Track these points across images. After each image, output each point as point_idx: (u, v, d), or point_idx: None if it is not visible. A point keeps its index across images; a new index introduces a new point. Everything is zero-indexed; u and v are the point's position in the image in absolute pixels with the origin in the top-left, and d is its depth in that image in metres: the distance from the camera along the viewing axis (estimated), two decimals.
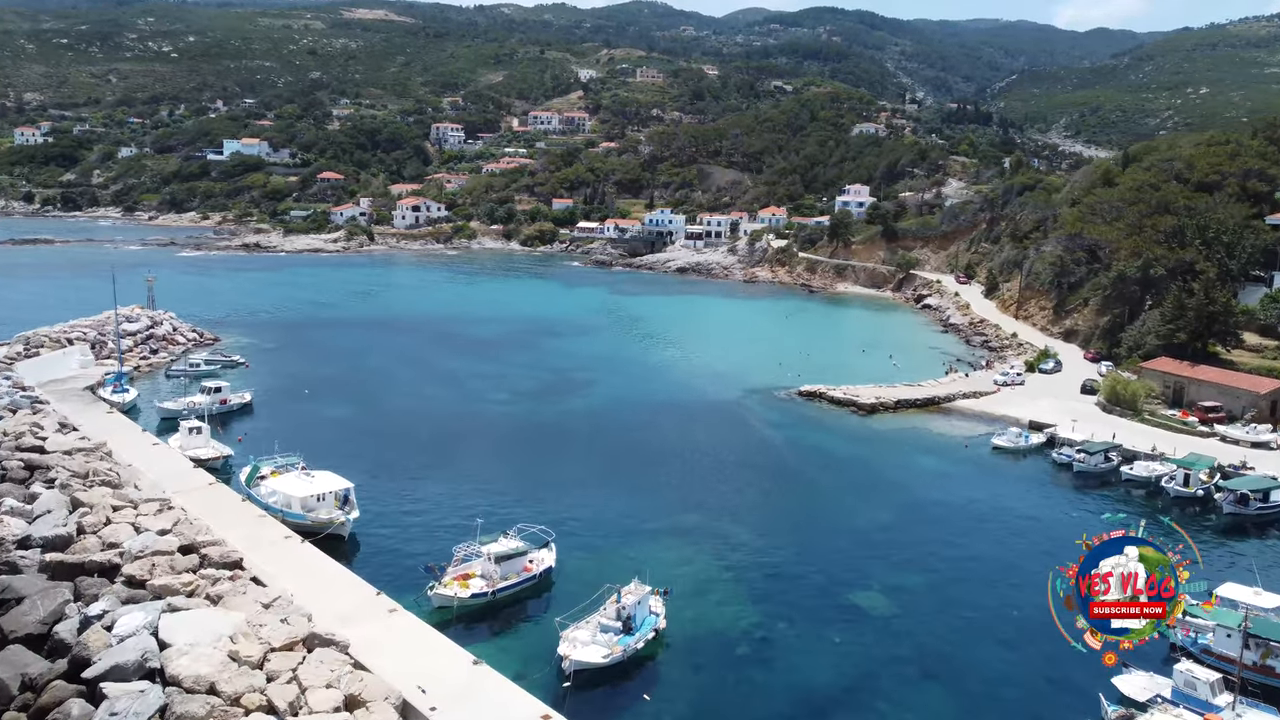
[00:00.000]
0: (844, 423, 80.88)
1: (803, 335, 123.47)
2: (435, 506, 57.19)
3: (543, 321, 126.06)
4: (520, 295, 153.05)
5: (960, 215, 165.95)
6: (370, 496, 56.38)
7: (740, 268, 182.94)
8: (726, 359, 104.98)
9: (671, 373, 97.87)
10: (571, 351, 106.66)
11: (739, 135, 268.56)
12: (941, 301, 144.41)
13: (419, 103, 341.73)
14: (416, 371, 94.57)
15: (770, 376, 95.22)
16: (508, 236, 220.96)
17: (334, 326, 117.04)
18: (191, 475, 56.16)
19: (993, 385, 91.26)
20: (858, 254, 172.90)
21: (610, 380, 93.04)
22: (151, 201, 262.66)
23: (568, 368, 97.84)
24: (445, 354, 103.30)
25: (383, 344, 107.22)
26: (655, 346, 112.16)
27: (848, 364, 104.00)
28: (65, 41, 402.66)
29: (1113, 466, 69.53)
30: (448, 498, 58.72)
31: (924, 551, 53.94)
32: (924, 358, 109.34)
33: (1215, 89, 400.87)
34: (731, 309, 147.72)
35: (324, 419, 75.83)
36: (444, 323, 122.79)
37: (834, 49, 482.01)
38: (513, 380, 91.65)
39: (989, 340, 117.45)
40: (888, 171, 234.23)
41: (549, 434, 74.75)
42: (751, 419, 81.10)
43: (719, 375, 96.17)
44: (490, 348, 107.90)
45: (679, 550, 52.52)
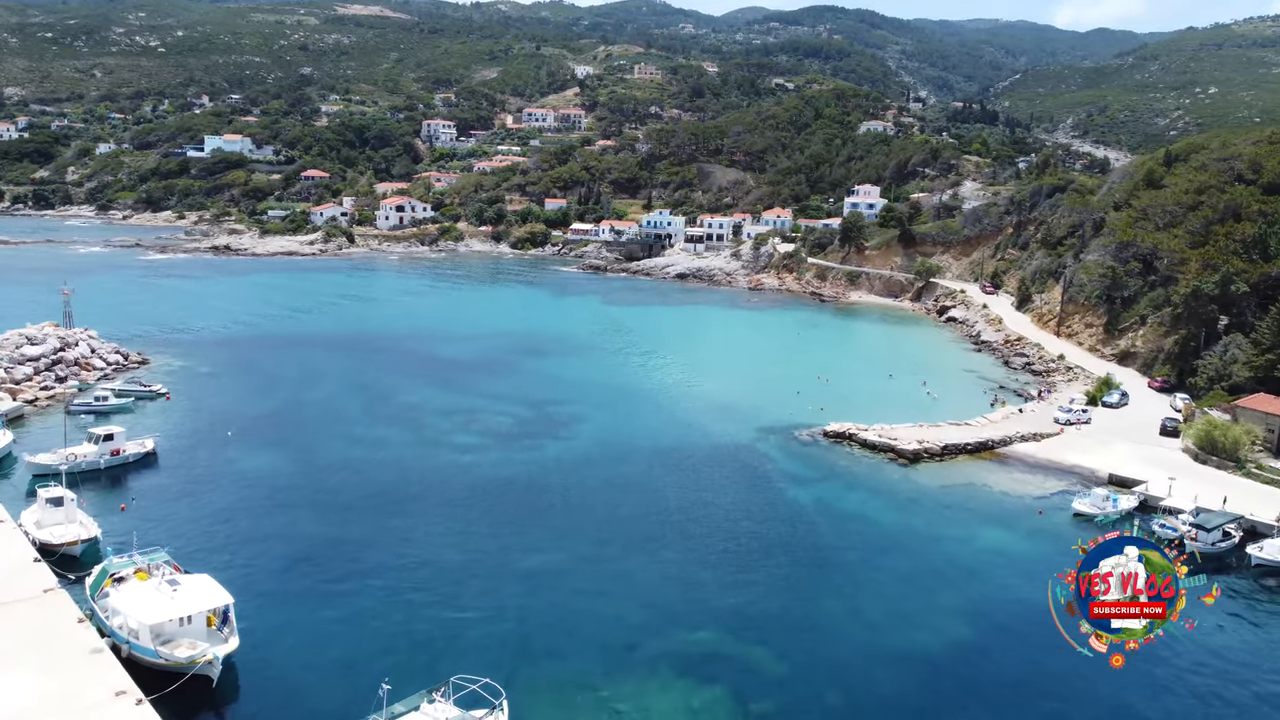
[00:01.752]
0: (883, 475, 65.01)
1: (819, 354, 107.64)
2: (355, 623, 41.19)
3: (526, 338, 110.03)
4: (504, 305, 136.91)
5: (984, 219, 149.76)
6: (267, 606, 40.72)
7: (744, 274, 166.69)
8: (735, 386, 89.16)
9: (671, 405, 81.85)
10: (555, 376, 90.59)
11: (741, 133, 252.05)
12: (968, 314, 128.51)
13: (410, 99, 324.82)
14: (370, 405, 78.26)
15: (787, 409, 79.43)
16: (497, 238, 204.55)
17: (287, 345, 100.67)
18: (25, 575, 39.66)
19: (1054, 424, 75.35)
20: (872, 260, 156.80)
21: (598, 416, 77.04)
22: (127, 200, 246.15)
23: (549, 399, 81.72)
24: (409, 381, 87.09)
25: (339, 368, 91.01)
26: (652, 369, 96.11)
27: (874, 391, 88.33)
28: (50, 35, 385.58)
29: (1233, 545, 53.71)
30: (377, 605, 42.76)
31: (1024, 691, 38.23)
32: (961, 384, 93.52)
33: (1224, 88, 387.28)
34: (737, 322, 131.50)
35: (240, 476, 59.61)
36: (415, 339, 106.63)
37: (835, 47, 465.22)
38: (483, 417, 75.55)
39: (1031, 362, 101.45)
40: (898, 171, 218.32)
41: (519, 496, 58.56)
42: (771, 472, 65.12)
43: (727, 409, 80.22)
44: (463, 372, 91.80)
45: (685, 694, 36.84)
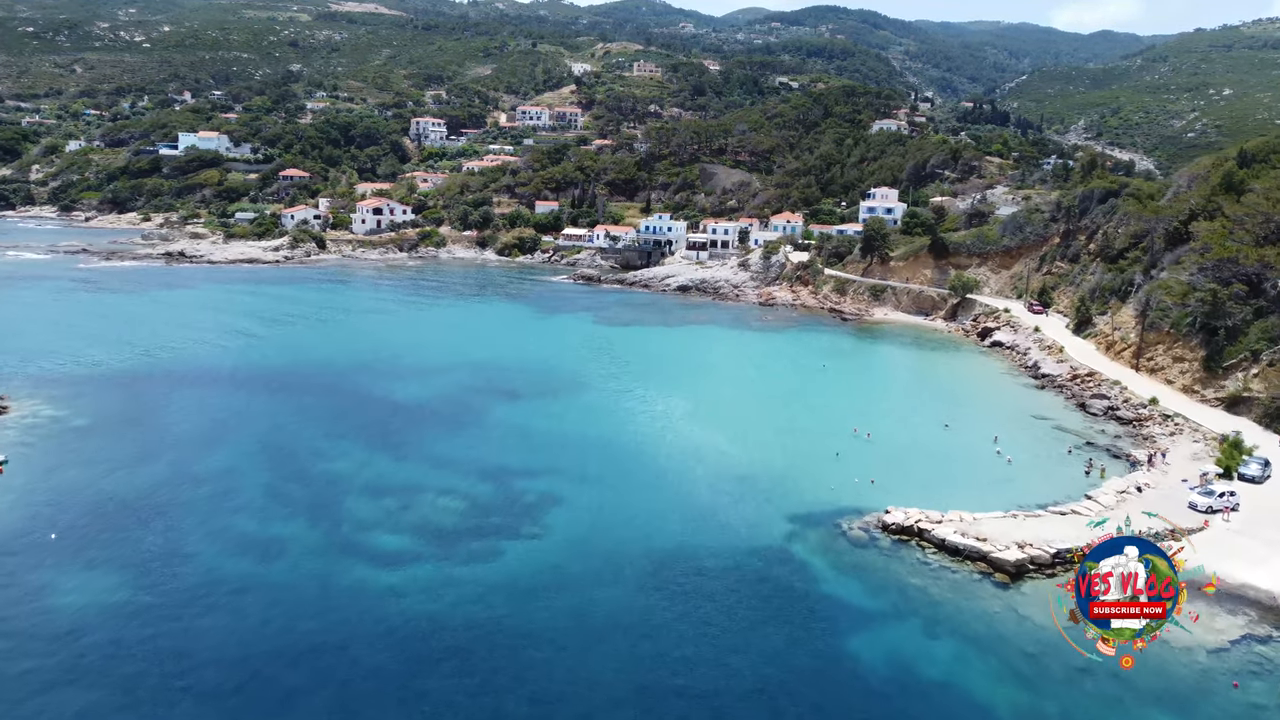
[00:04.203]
0: (977, 605, 44.16)
1: (850, 392, 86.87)
2: None
3: (500, 371, 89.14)
4: (481, 326, 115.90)
5: (1026, 226, 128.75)
6: None
7: (754, 286, 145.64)
8: (754, 441, 68.31)
9: (674, 475, 60.90)
10: (529, 430, 69.75)
11: (746, 131, 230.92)
12: (1017, 338, 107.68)
13: (399, 95, 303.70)
14: (278, 482, 57.10)
15: (825, 481, 58.76)
16: (482, 244, 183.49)
17: (203, 383, 79.71)
18: None
19: (1190, 510, 54.62)
20: (898, 272, 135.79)
21: (578, 496, 56.15)
22: (91, 200, 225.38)
23: (517, 468, 60.79)
24: (342, 438, 66.16)
25: (257, 418, 70.09)
26: (650, 416, 75.16)
27: (931, 449, 67.68)
28: (31, 30, 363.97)
29: None
30: None
31: None
32: (1035, 438, 72.62)
33: (1239, 90, 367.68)
34: (749, 347, 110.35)
35: (30, 628, 38.79)
36: (366, 374, 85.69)
37: (839, 46, 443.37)
38: (423, 501, 54.59)
39: (1115, 407, 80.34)
40: (915, 173, 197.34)
41: (450, 669, 37.79)
42: (817, 602, 44.20)
43: (747, 481, 59.46)
44: (414, 423, 70.85)
45: None
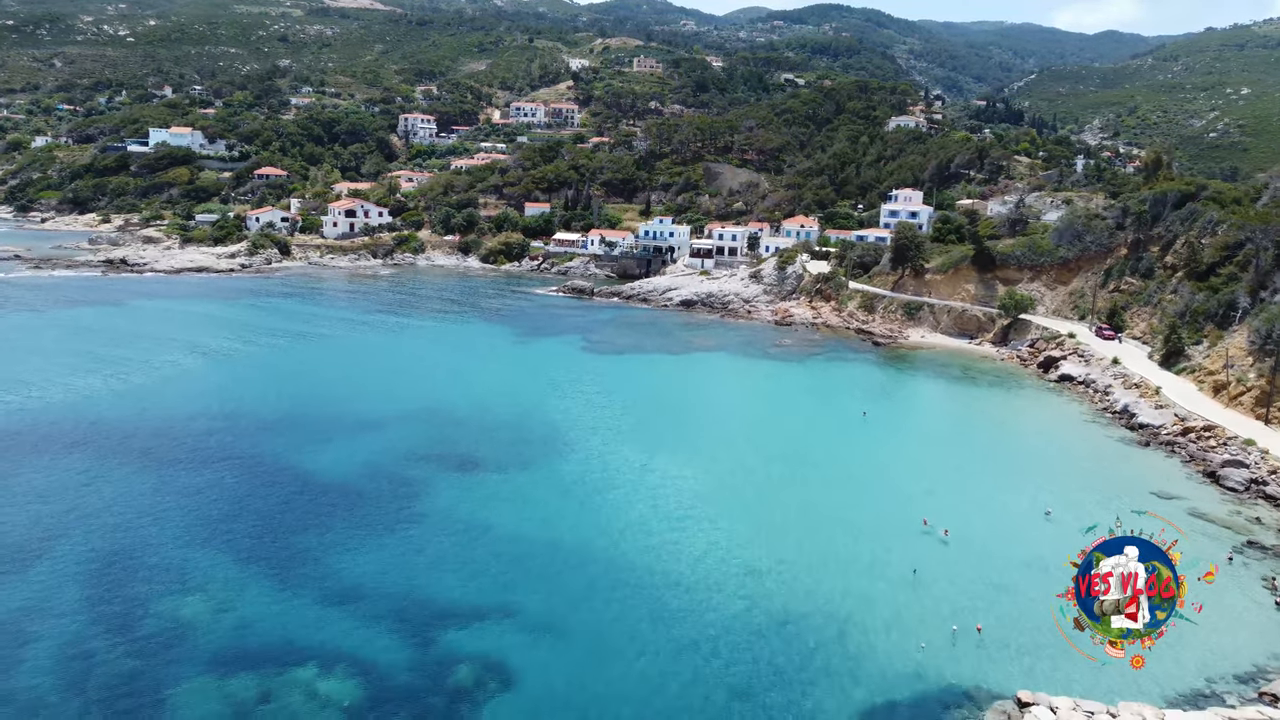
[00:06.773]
0: None
1: (906, 456, 65.81)
2: None
3: (455, 427, 67.87)
4: (445, 357, 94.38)
5: (1087, 235, 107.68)
6: None
7: (768, 302, 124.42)
8: (794, 552, 47.23)
9: (683, 618, 39.80)
10: (477, 533, 48.52)
11: (753, 128, 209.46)
12: (1091, 372, 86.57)
13: (388, 91, 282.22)
14: (80, 637, 36.10)
15: (909, 631, 37.94)
16: (464, 250, 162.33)
17: (45, 446, 58.39)
18: None
19: None
20: (935, 287, 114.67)
21: (535, 674, 35.10)
22: (50, 200, 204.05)
23: (448, 608, 39.65)
24: (201, 548, 44.87)
25: (87, 510, 49.08)
26: (649, 506, 53.95)
27: (1036, 558, 46.69)
28: (10, 23, 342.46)
29: None
30: None
31: None
32: (1177, 536, 51.69)
33: (1258, 90, 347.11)
34: (770, 384, 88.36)
35: None
36: (279, 431, 64.49)
37: (845, 44, 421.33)
38: (287, 694, 33.61)
39: (1260, 480, 59.27)
40: (938, 173, 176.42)
41: None
42: None
43: (790, 628, 38.55)
44: (314, 520, 49.61)
45: None
